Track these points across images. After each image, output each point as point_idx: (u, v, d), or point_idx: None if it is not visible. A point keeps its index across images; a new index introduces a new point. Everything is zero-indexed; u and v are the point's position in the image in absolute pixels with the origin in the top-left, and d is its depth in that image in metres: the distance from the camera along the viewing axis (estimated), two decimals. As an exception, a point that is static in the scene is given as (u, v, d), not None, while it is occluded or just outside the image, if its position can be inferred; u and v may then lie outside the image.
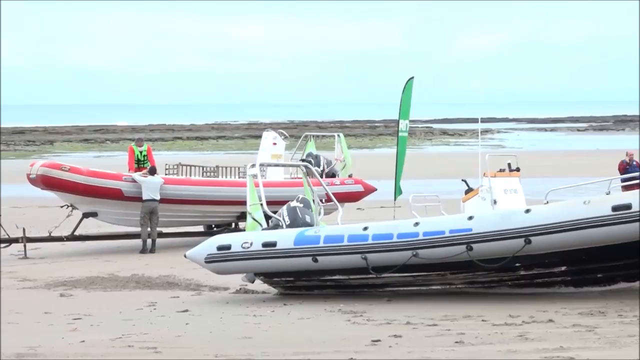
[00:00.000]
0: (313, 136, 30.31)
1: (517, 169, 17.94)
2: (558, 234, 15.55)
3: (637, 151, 28.46)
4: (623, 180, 18.87)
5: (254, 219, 17.86)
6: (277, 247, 17.05)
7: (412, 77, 27.27)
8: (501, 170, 17.55)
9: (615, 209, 15.40)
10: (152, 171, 24.61)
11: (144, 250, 23.87)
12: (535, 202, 16.73)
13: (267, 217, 17.76)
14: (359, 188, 27.54)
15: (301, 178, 20.26)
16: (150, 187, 24.11)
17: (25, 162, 35.27)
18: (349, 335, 13.80)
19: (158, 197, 24.10)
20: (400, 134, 27.72)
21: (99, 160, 55.73)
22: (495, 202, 16.82)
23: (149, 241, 24.11)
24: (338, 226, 17.48)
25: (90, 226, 25.09)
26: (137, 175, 24.50)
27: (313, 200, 18.39)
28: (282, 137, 28.12)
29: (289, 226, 17.47)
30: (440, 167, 47.14)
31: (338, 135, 29.58)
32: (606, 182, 16.69)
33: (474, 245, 15.87)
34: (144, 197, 24.05)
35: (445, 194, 19.71)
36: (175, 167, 26.15)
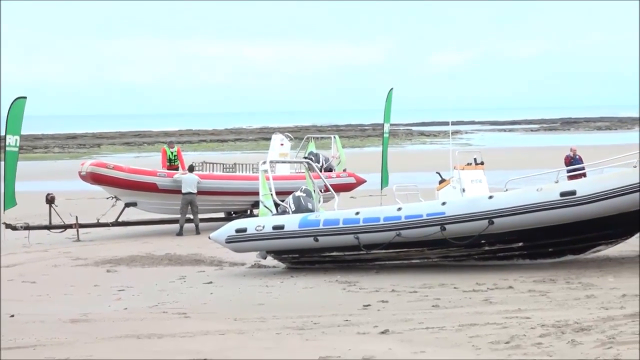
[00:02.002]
0: (313, 138, 30.27)
1: (482, 163, 17.98)
2: (516, 216, 15.59)
3: (579, 147, 28.48)
4: (568, 171, 18.91)
5: (265, 207, 17.89)
6: (285, 230, 17.07)
7: (392, 88, 27.54)
8: (468, 164, 17.58)
9: (562, 194, 15.45)
10: (191, 169, 24.69)
11: (180, 234, 23.78)
12: (496, 190, 16.76)
13: (276, 205, 17.80)
14: (351, 180, 27.52)
15: (304, 172, 20.31)
16: (189, 182, 24.11)
17: (77, 162, 35.23)
18: (344, 301, 13.88)
19: (195, 191, 24.07)
20: (384, 135, 27.86)
21: (137, 160, 55.59)
22: (463, 190, 16.85)
23: (192, 226, 23.96)
24: (335, 211, 17.49)
25: (131, 214, 25.10)
26: (178, 173, 24.60)
27: (314, 191, 18.39)
28: (288, 139, 28.14)
29: (294, 212, 17.48)
30: (418, 162, 47.01)
31: (334, 137, 29.54)
32: (555, 172, 16.74)
33: (446, 226, 15.90)
34: (183, 191, 24.01)
35: (422, 184, 19.72)
36: (201, 164, 26.16)
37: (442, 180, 17.77)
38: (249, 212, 25.39)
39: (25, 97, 23.23)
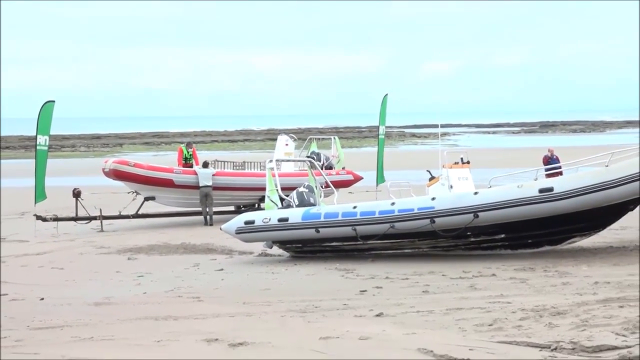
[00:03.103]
0: (315, 138, 30.23)
1: (468, 162, 17.88)
2: (498, 210, 15.60)
3: (556, 148, 28.47)
4: (546, 170, 18.92)
5: (271, 201, 17.90)
6: (289, 222, 17.05)
7: (387, 94, 27.52)
8: (456, 163, 17.49)
9: (541, 191, 15.45)
10: (205, 165, 24.75)
11: (205, 223, 23.89)
12: (481, 186, 16.72)
13: (282, 199, 17.80)
14: (350, 177, 27.49)
15: (307, 170, 20.30)
16: (205, 176, 24.18)
17: (100, 160, 35.20)
18: (343, 287, 13.86)
19: (210, 183, 24.16)
20: (379, 136, 27.83)
21: (156, 158, 55.52)
22: (451, 187, 16.76)
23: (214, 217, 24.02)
24: (334, 205, 17.49)
25: (150, 207, 25.11)
26: (197, 168, 24.67)
27: (315, 187, 18.39)
28: (292, 139, 28.14)
29: (297, 206, 17.45)
30: (411, 161, 47.01)
31: (334, 138, 29.51)
32: (534, 171, 16.74)
33: (436, 219, 15.90)
34: (200, 184, 24.09)
35: (414, 181, 19.66)
36: (213, 162, 26.18)
37: (432, 178, 17.67)
38: (256, 205, 25.40)
39: (53, 101, 23.25)
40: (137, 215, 24.50)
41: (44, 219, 23.05)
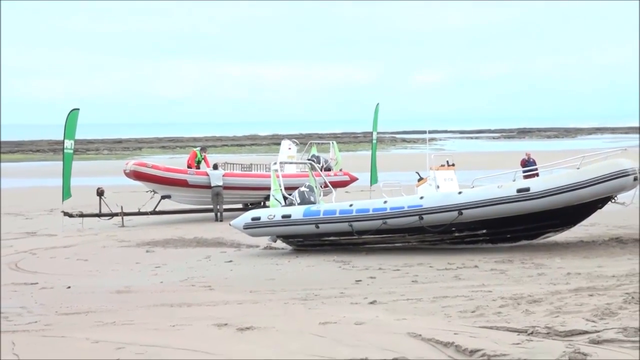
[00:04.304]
0: (315, 143, 30.28)
1: (453, 164, 17.88)
2: (480, 208, 15.61)
3: (533, 152, 28.47)
4: (524, 172, 18.93)
5: (276, 199, 17.91)
6: (292, 218, 17.07)
7: (378, 103, 27.71)
8: (442, 166, 17.50)
9: (519, 191, 15.46)
10: (215, 167, 24.78)
11: (216, 219, 23.89)
12: (465, 186, 16.73)
13: (285, 198, 17.80)
14: (346, 178, 27.49)
15: (307, 171, 20.30)
16: (216, 176, 24.23)
17: (121, 162, 35.24)
18: (340, 277, 13.86)
19: (221, 183, 24.20)
20: (373, 141, 27.87)
21: (171, 160, 55.47)
22: (438, 187, 16.75)
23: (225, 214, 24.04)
24: (332, 204, 17.49)
25: (166, 205, 25.13)
26: (209, 169, 24.72)
27: (315, 186, 18.41)
28: (294, 144, 28.14)
29: (299, 204, 17.48)
30: (401, 163, 46.99)
31: (332, 142, 29.54)
32: (512, 173, 16.73)
33: (424, 216, 15.92)
34: (212, 184, 24.17)
35: (404, 182, 19.65)
36: (223, 164, 26.20)
37: (420, 179, 17.66)
38: (262, 203, 25.42)
39: (78, 109, 23.26)
40: (154, 212, 24.51)
41: (71, 215, 23.07)
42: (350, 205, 16.92)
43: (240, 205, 25.97)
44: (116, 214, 23.66)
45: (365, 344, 8.32)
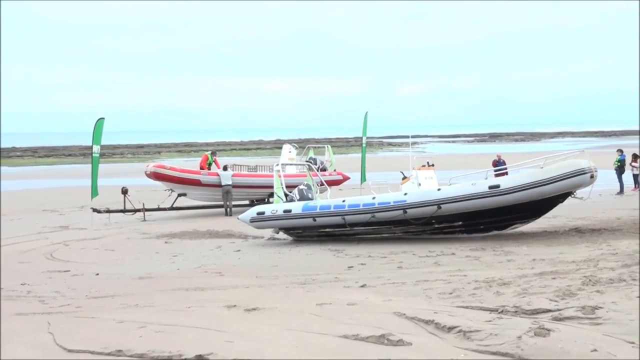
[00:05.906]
0: (312, 147, 30.29)
1: (433, 165, 17.91)
2: (457, 203, 15.64)
3: (503, 153, 28.47)
4: (495, 171, 18.89)
5: (278, 196, 17.93)
6: (292, 213, 17.09)
7: (367, 112, 27.70)
8: (423, 166, 17.52)
9: (490, 187, 15.48)
10: (225, 168, 24.77)
11: (226, 214, 23.87)
12: (443, 184, 16.74)
13: (286, 195, 17.81)
14: (339, 177, 27.54)
15: (306, 172, 20.28)
16: (226, 176, 24.26)
17: (143, 164, 35.20)
18: (335, 263, 13.85)
19: (230, 182, 24.20)
20: (362, 145, 27.84)
21: (187, 163, 55.51)
22: (419, 184, 16.78)
23: (234, 209, 24.02)
24: (327, 200, 17.52)
25: (182, 202, 25.11)
26: (219, 170, 24.71)
27: (313, 185, 18.43)
28: (294, 148, 28.17)
29: (298, 200, 17.52)
30: (387, 164, 47.04)
31: (327, 146, 29.55)
32: (485, 172, 16.74)
33: (407, 210, 15.95)
34: (222, 183, 24.22)
35: (390, 180, 19.65)
36: (232, 166, 26.19)
37: (404, 178, 17.68)
38: (266, 200, 25.42)
39: (103, 118, 23.31)
40: (172, 208, 24.53)
41: (99, 211, 23.06)
42: (343, 201, 16.93)
43: (247, 202, 25.98)
44: (138, 210, 23.66)
45: (357, 322, 8.32)
